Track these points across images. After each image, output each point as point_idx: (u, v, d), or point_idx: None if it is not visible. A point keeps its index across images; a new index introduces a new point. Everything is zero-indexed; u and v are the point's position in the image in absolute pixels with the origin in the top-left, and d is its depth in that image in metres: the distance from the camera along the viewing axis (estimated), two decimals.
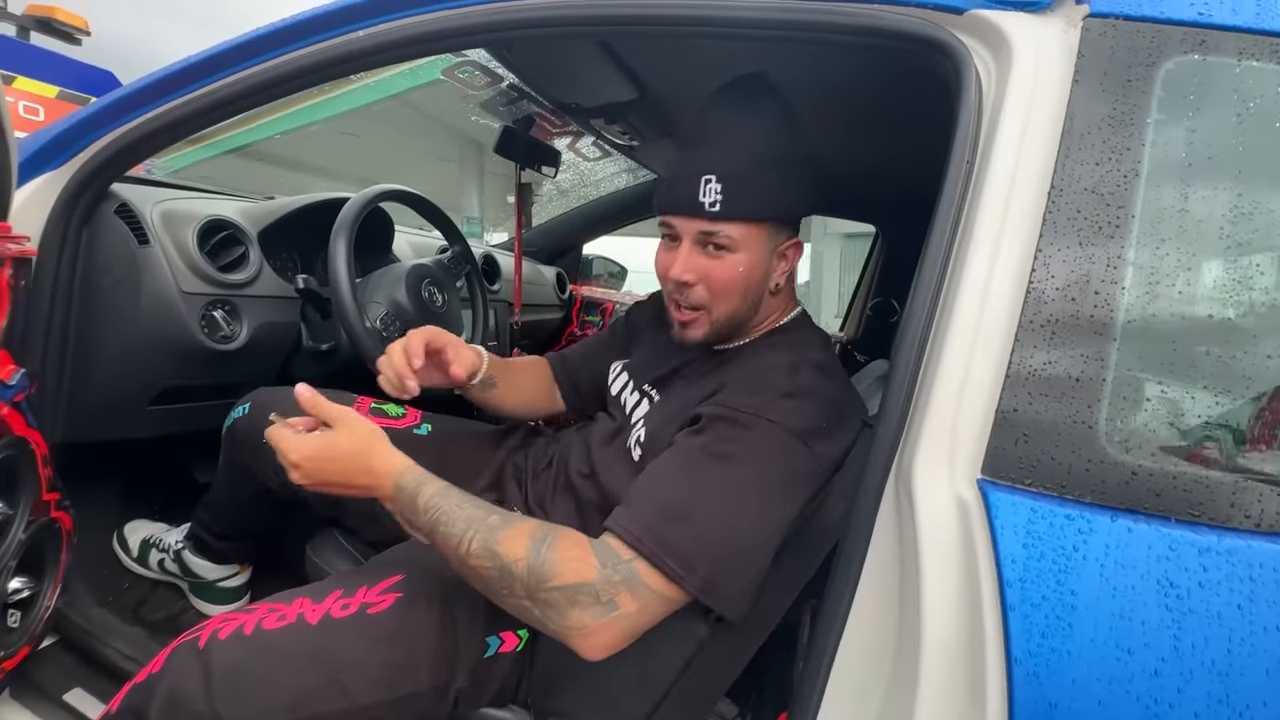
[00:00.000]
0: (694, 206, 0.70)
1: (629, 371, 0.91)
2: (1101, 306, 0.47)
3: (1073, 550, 0.44)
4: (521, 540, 0.59)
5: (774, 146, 0.73)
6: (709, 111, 0.75)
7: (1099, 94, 0.52)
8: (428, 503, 0.62)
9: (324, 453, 0.64)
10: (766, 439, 0.64)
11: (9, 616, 0.87)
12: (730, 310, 0.75)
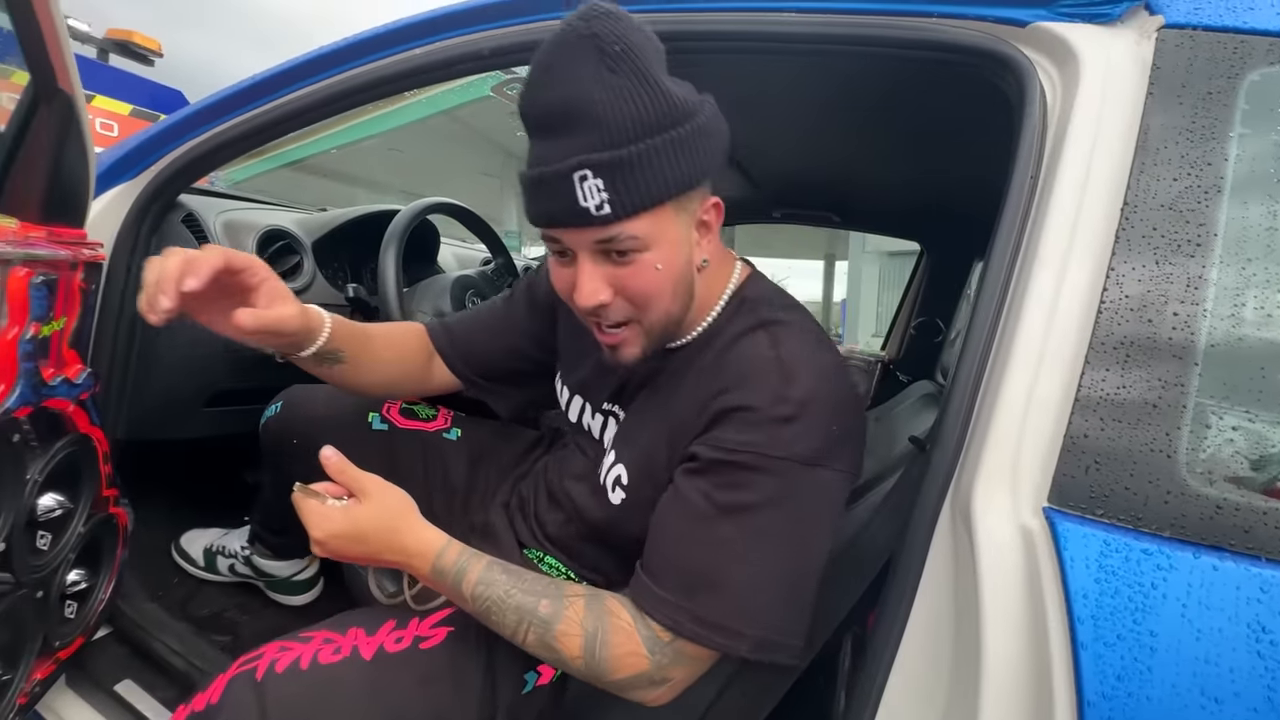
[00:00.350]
0: (578, 216, 0.56)
1: (579, 392, 0.81)
2: (1181, 328, 0.45)
3: (1151, 588, 0.41)
4: (575, 639, 0.58)
5: (650, 104, 0.55)
6: (556, 85, 0.55)
7: (1176, 107, 0.50)
8: (474, 593, 0.61)
9: (349, 530, 0.60)
10: (780, 478, 0.57)
11: (66, 607, 0.90)
12: (663, 314, 0.62)
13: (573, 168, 0.54)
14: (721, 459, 0.59)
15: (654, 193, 0.56)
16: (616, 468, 0.70)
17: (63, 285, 0.78)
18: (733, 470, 0.58)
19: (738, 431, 0.59)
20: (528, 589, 0.61)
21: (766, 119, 1.19)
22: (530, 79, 0.57)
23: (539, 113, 0.57)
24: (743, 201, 1.81)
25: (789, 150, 1.38)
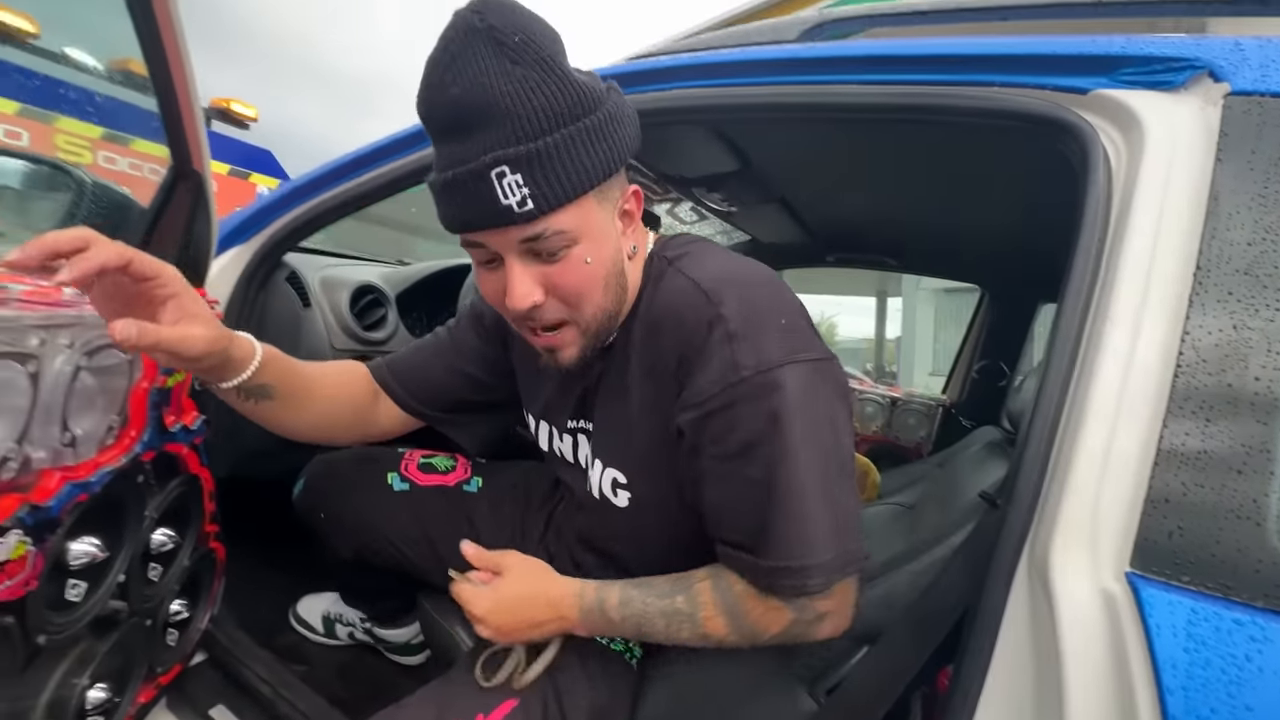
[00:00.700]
0: (500, 215, 0.53)
1: (543, 418, 0.80)
2: (1264, 389, 0.45)
3: (1245, 660, 0.40)
4: (718, 620, 0.62)
5: (558, 94, 0.53)
6: (453, 82, 0.52)
7: (1248, 172, 0.50)
8: (621, 615, 0.65)
9: (502, 602, 0.67)
10: (761, 397, 0.55)
11: (169, 635, 0.98)
12: (598, 309, 0.61)
13: (488, 165, 0.51)
14: (703, 414, 0.57)
15: (575, 183, 0.54)
16: (609, 472, 0.70)
17: None
18: (717, 417, 0.57)
19: (700, 378, 0.58)
20: (660, 593, 0.64)
21: (825, 171, 1.23)
22: (428, 79, 0.53)
23: (442, 113, 0.53)
24: (795, 245, 1.84)
25: (846, 199, 1.41)
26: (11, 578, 0.58)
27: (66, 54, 2.92)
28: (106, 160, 3.01)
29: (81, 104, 2.96)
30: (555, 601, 0.66)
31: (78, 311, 0.64)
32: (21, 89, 2.77)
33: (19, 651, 0.64)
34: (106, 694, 0.77)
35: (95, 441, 0.69)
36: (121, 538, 0.77)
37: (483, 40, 0.51)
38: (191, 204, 0.86)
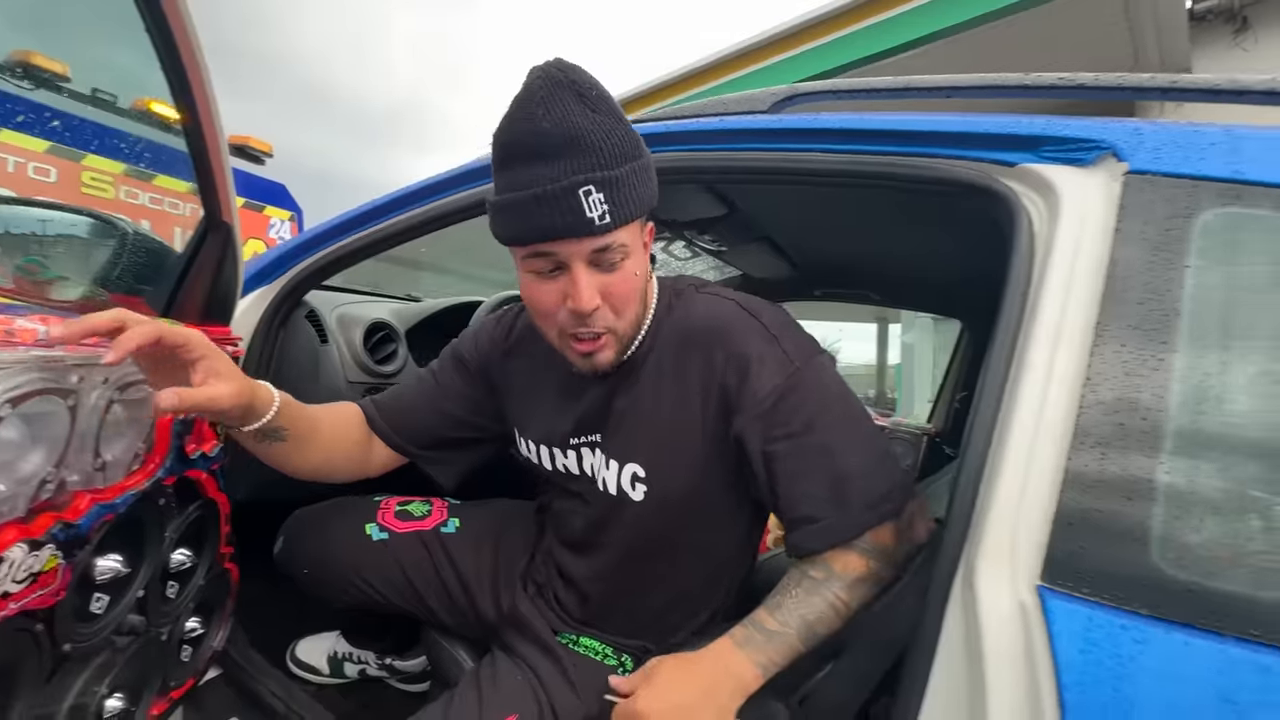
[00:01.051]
0: (583, 226, 0.63)
1: (544, 442, 0.86)
2: (1151, 431, 0.53)
3: (1129, 659, 0.47)
4: (851, 557, 0.70)
5: (625, 138, 0.66)
6: (545, 117, 0.63)
7: (1140, 241, 0.59)
8: (778, 619, 0.68)
9: (659, 683, 0.65)
10: (808, 383, 0.71)
11: (183, 651, 1.04)
12: (632, 318, 0.73)
13: (579, 184, 0.62)
14: (768, 407, 0.70)
15: (638, 206, 0.67)
16: (629, 468, 0.77)
17: None
18: (782, 403, 0.69)
19: (759, 380, 0.70)
20: (791, 582, 0.71)
21: (804, 219, 1.32)
22: (517, 114, 0.64)
23: (532, 140, 0.63)
24: (783, 281, 1.93)
25: (826, 241, 1.51)
26: (44, 587, 0.65)
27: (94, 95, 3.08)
28: (129, 195, 3.14)
29: (106, 142, 3.10)
30: (716, 657, 0.67)
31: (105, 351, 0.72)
32: (52, 128, 2.91)
33: (46, 657, 0.70)
34: (122, 703, 0.83)
35: (123, 467, 0.77)
36: (143, 555, 0.83)
37: (567, 89, 0.63)
38: (220, 253, 0.95)
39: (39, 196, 2.79)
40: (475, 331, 0.95)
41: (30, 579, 0.62)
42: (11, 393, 0.57)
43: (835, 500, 0.69)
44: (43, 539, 0.63)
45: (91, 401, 0.69)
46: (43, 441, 0.63)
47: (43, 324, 0.61)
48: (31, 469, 0.62)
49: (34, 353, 0.60)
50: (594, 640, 0.87)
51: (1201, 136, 0.62)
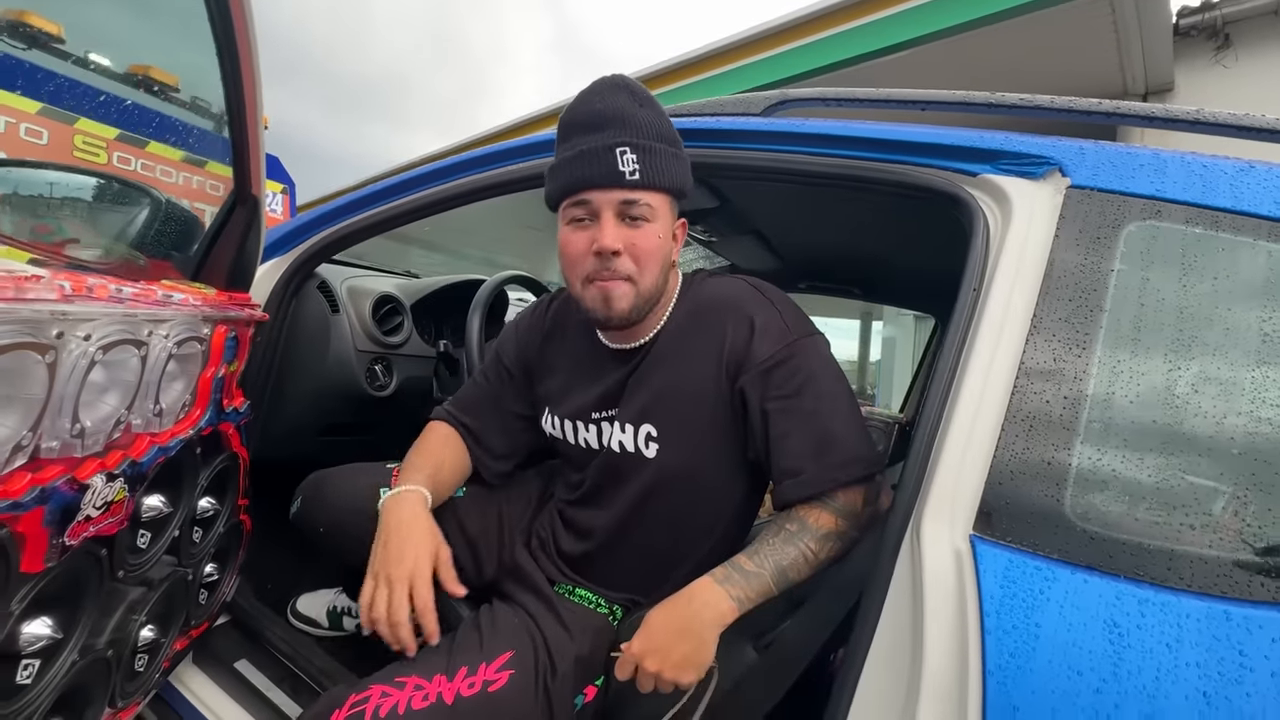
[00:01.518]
0: (615, 177, 0.76)
1: (569, 416, 0.93)
2: (1069, 410, 0.62)
3: (1039, 593, 0.57)
4: (822, 514, 0.79)
5: (664, 127, 0.80)
6: (599, 102, 0.78)
7: (1074, 248, 0.68)
8: (756, 562, 0.76)
9: (649, 626, 0.74)
10: (805, 352, 0.81)
11: (201, 594, 1.11)
12: (652, 280, 0.81)
13: (616, 143, 0.76)
14: (768, 368, 0.80)
15: (666, 178, 0.78)
16: (644, 428, 0.86)
17: (241, 337, 1.02)
18: (779, 368, 0.80)
19: (761, 344, 0.81)
20: (768, 553, 0.77)
21: (790, 215, 1.41)
22: (577, 102, 0.80)
23: (585, 118, 0.78)
24: (770, 273, 2.02)
25: (811, 235, 1.60)
26: (113, 516, 0.72)
27: (88, 58, 3.05)
28: (120, 160, 3.13)
29: (99, 106, 3.08)
30: (693, 593, 0.75)
31: (171, 310, 0.79)
32: (43, 89, 2.89)
33: (104, 582, 0.77)
34: (154, 634, 0.90)
35: (174, 414, 0.84)
36: (179, 499, 0.91)
37: (622, 89, 0.80)
38: (247, 224, 1.01)
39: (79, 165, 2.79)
40: (514, 324, 1.04)
41: (105, 507, 0.69)
42: (103, 340, 0.64)
43: (815, 457, 0.79)
44: (116, 472, 0.70)
45: (155, 354, 0.76)
46: (118, 385, 0.70)
47: (113, 283, 0.68)
48: (109, 409, 0.69)
49: (116, 307, 0.67)
50: (587, 591, 0.95)
51: (1133, 158, 0.71)
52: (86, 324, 0.63)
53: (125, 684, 0.87)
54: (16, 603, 0.62)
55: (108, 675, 0.81)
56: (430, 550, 0.82)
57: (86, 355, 0.63)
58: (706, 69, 4.30)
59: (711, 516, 0.91)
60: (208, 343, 0.91)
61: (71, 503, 0.65)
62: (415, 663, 0.81)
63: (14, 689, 0.66)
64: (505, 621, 0.90)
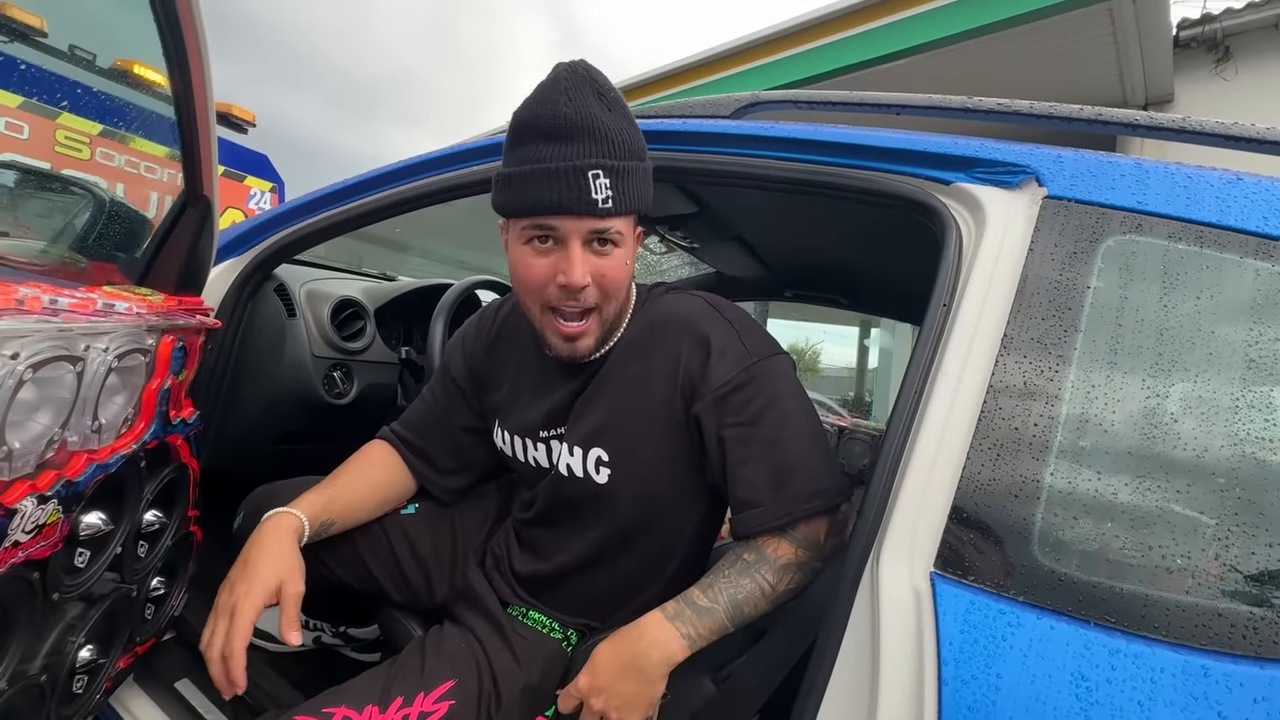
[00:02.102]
0: (587, 205, 0.68)
1: (518, 433, 0.88)
2: (1039, 438, 0.58)
3: (1001, 640, 0.52)
4: (783, 544, 0.74)
5: (634, 138, 0.72)
6: (565, 104, 0.69)
7: (1049, 262, 0.64)
8: (709, 597, 0.72)
9: (597, 661, 0.71)
10: (764, 376, 0.76)
11: (147, 609, 1.06)
12: (616, 307, 0.77)
13: (589, 166, 0.67)
14: (725, 394, 0.74)
15: (638, 201, 0.72)
16: (593, 452, 0.80)
17: (190, 346, 0.97)
18: (736, 393, 0.74)
19: (718, 369, 0.75)
20: (726, 564, 0.74)
21: (768, 221, 1.36)
22: (540, 97, 0.70)
23: (550, 123, 0.69)
24: (755, 280, 1.98)
25: (792, 242, 1.55)
26: (45, 539, 0.67)
27: (72, 51, 3.01)
28: (104, 156, 3.08)
29: (83, 101, 3.04)
30: (639, 630, 0.71)
31: (112, 321, 0.75)
32: (25, 83, 2.85)
33: (37, 605, 0.72)
34: (93, 655, 0.86)
35: (115, 430, 0.79)
36: (122, 515, 0.86)
37: (589, 85, 0.70)
38: (198, 226, 0.97)
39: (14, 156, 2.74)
40: (461, 334, 0.99)
41: (36, 530, 0.64)
42: (34, 358, 0.60)
43: (774, 488, 0.74)
44: (49, 494, 0.66)
45: (94, 368, 0.72)
46: (51, 403, 0.65)
47: (46, 292, 0.63)
48: (41, 429, 0.65)
49: (49, 321, 0.62)
50: (541, 615, 0.90)
51: (1114, 168, 0.67)
52: (15, 341, 0.59)
53: (62, 708, 0.83)
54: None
55: (41, 701, 0.77)
56: (265, 585, 0.72)
57: (14, 374, 0.59)
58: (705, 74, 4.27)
59: (669, 541, 0.87)
60: (153, 354, 0.87)
61: (0, 528, 0.61)
62: (346, 692, 0.77)
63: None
64: (451, 647, 0.86)
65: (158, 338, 0.85)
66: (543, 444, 0.88)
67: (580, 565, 0.88)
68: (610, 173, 0.68)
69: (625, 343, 0.83)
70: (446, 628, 0.91)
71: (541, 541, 0.91)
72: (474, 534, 1.00)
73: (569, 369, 0.85)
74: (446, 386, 0.97)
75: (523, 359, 0.91)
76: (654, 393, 0.79)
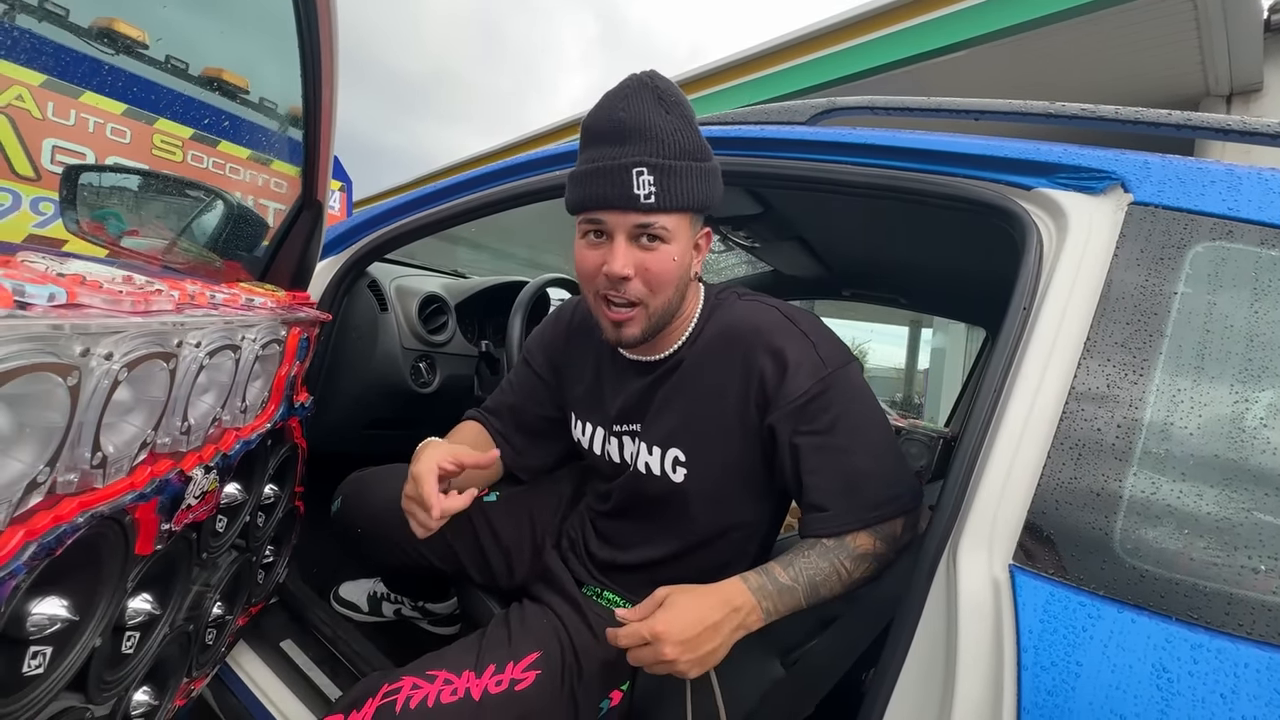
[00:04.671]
0: (629, 200, 0.72)
1: (598, 424, 0.93)
2: (1123, 440, 0.59)
3: (1081, 630, 0.54)
4: (862, 536, 0.78)
5: (691, 139, 0.75)
6: (622, 109, 0.74)
7: (1135, 267, 0.65)
8: (790, 574, 0.75)
9: (676, 610, 0.69)
10: (838, 386, 0.78)
11: (259, 575, 1.17)
12: (664, 301, 0.78)
13: (633, 164, 0.72)
14: (800, 405, 0.77)
15: (685, 199, 0.74)
16: (671, 452, 0.85)
17: (309, 337, 1.07)
18: (811, 404, 0.77)
19: (794, 379, 0.77)
20: (803, 566, 0.76)
21: (834, 222, 1.38)
22: (603, 105, 0.76)
23: (606, 126, 0.74)
24: (813, 279, 1.99)
25: (857, 244, 1.56)
26: (207, 505, 0.77)
27: (168, 61, 3.25)
28: (194, 159, 3.32)
29: (175, 107, 3.27)
30: (724, 594, 0.72)
31: (256, 314, 0.84)
32: (128, 92, 3.09)
33: (192, 563, 0.83)
34: (222, 611, 0.96)
35: (255, 411, 0.89)
36: (251, 487, 0.96)
37: (650, 91, 0.74)
38: (310, 228, 1.06)
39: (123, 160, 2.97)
40: (540, 329, 1.05)
41: (201, 496, 0.74)
42: (210, 346, 0.69)
43: (845, 495, 0.77)
44: (212, 464, 0.75)
45: (247, 356, 0.81)
46: (215, 386, 0.75)
47: (206, 289, 0.72)
48: (207, 408, 0.74)
49: (212, 315, 0.71)
50: (615, 595, 0.96)
51: (1204, 173, 0.67)
52: (196, 332, 0.68)
53: (199, 656, 0.93)
54: (130, 581, 0.67)
55: (188, 647, 0.87)
56: (436, 454, 0.80)
57: (196, 361, 0.68)
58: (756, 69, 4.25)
59: (739, 537, 0.91)
60: (284, 343, 0.96)
61: (179, 493, 0.71)
62: (444, 657, 0.84)
63: (119, 659, 0.71)
64: (534, 621, 0.92)
65: (287, 329, 0.94)
66: (615, 438, 0.92)
67: (655, 558, 0.93)
68: (655, 170, 0.72)
69: (701, 346, 0.85)
70: (527, 605, 0.97)
71: (618, 533, 0.97)
72: (549, 518, 1.06)
73: (642, 366, 0.89)
74: (528, 377, 1.03)
75: (599, 354, 0.95)
76: (729, 400, 0.82)
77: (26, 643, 0.52)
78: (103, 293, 0.49)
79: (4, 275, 0.41)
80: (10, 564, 0.43)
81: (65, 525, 0.49)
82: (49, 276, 0.46)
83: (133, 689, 0.73)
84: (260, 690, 1.11)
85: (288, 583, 1.27)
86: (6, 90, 2.67)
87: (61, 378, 0.44)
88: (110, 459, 0.55)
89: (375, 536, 1.08)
